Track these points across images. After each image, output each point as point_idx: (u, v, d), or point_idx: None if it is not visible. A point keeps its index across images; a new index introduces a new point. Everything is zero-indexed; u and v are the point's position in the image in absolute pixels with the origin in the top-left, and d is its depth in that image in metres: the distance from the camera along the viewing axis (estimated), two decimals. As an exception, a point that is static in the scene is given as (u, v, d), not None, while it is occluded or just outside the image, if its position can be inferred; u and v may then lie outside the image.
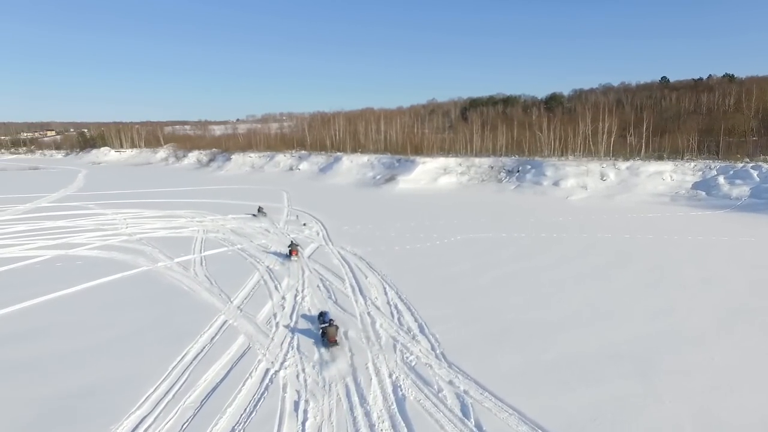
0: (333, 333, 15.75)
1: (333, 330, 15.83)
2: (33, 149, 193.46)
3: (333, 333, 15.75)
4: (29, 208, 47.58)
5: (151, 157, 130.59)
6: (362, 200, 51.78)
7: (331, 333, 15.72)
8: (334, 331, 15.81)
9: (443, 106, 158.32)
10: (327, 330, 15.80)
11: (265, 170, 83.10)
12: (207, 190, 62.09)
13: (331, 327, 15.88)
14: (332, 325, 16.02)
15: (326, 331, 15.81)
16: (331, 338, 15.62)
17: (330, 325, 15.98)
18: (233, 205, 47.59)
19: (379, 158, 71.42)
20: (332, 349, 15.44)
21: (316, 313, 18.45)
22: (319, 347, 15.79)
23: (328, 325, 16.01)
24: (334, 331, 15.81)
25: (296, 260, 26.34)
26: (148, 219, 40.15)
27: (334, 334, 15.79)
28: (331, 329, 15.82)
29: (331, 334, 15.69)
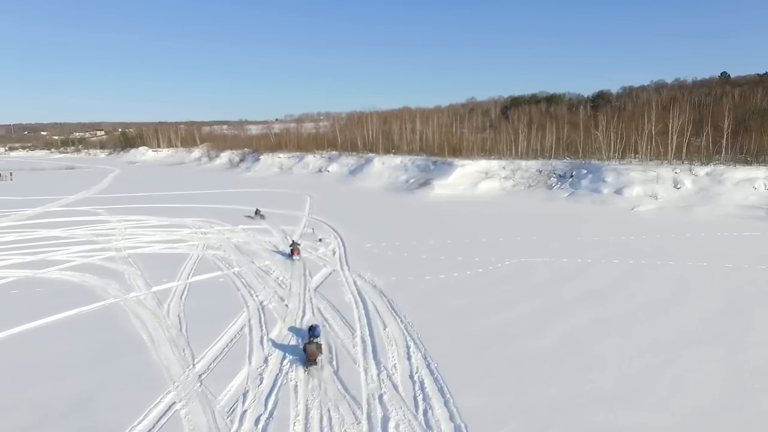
0: (312, 351, 14.28)
1: (312, 348, 14.35)
2: (80, 149, 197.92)
3: (312, 351, 14.28)
4: (35, 213, 44.00)
5: (186, 156, 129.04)
6: (392, 208, 45.63)
7: (310, 351, 14.28)
8: (313, 350, 14.32)
9: (483, 105, 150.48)
10: (306, 347, 14.41)
11: (293, 172, 78.29)
12: (227, 193, 57.50)
13: (310, 345, 14.41)
14: (312, 342, 14.58)
15: (305, 348, 14.43)
16: (311, 356, 14.20)
17: (310, 342, 14.58)
18: (249, 212, 42.52)
19: (413, 160, 65.08)
20: (310, 368, 14.06)
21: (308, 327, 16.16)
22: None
23: (308, 342, 14.65)
24: (313, 350, 14.32)
25: (298, 259, 26.63)
26: (150, 229, 35.41)
27: (314, 352, 14.29)
28: (311, 347, 14.35)
29: (310, 352, 14.26)
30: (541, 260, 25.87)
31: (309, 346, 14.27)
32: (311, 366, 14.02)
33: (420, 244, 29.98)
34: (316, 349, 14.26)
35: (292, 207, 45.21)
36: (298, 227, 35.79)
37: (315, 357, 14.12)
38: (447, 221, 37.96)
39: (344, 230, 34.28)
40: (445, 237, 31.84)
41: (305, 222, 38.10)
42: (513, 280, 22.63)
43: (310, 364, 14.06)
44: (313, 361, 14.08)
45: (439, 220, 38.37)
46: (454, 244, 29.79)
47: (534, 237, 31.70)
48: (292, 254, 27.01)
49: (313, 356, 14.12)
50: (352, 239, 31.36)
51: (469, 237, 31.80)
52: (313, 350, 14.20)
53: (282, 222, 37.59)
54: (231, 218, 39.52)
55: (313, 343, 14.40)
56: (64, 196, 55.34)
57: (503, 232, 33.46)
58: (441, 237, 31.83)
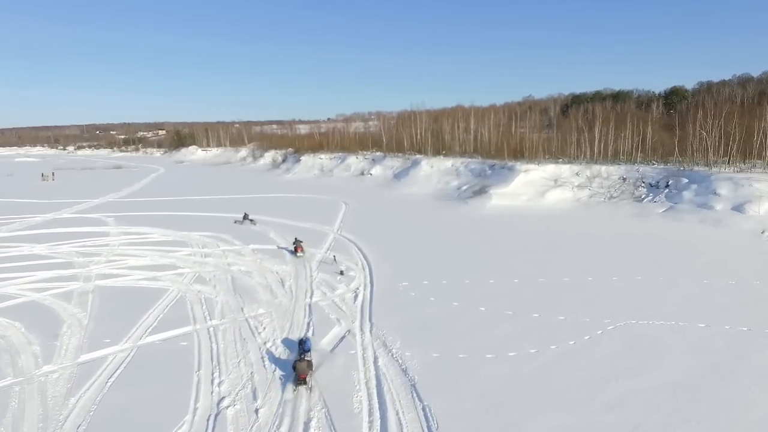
0: (303, 369, 12.92)
1: (303, 366, 12.97)
2: (139, 148, 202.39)
3: (303, 369, 12.92)
4: (41, 220, 39.13)
5: (233, 156, 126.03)
6: (440, 222, 37.18)
7: (300, 369, 12.92)
8: (304, 368, 12.96)
9: (541, 103, 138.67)
10: (296, 365, 13.02)
11: (333, 174, 71.33)
12: (256, 200, 51.10)
13: (301, 362, 13.04)
14: (303, 360, 13.18)
15: (296, 366, 13.03)
16: (301, 374, 12.84)
17: (301, 359, 13.20)
18: (269, 224, 35.54)
19: (467, 163, 56.16)
20: (299, 387, 12.75)
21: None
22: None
23: (298, 359, 13.27)
24: (304, 368, 12.96)
25: (301, 256, 26.11)
26: (146, 247, 29.03)
27: (305, 370, 12.91)
28: (302, 365, 12.97)
29: (301, 371, 12.89)
30: (664, 324, 16.76)
31: (300, 364, 13.08)
32: (300, 385, 12.94)
33: (475, 283, 21.54)
34: (306, 366, 13.12)
35: (321, 219, 37.81)
36: (319, 249, 28.22)
37: (305, 375, 12.99)
38: (510, 244, 29.15)
39: (376, 256, 26.35)
40: (510, 272, 23.19)
41: (330, 242, 30.51)
42: (633, 369, 13.79)
43: (300, 383, 12.95)
44: (303, 380, 12.94)
45: (499, 243, 29.62)
46: (524, 286, 21.13)
47: (638, 276, 22.35)
48: (296, 251, 26.66)
49: (304, 374, 12.98)
50: (385, 273, 23.34)
51: (544, 273, 22.96)
52: (304, 368, 13.05)
53: (303, 239, 30.23)
54: (245, 234, 32.64)
55: (304, 361, 13.26)
56: (88, 200, 50.95)
57: (589, 264, 24.33)
58: (503, 272, 23.21)
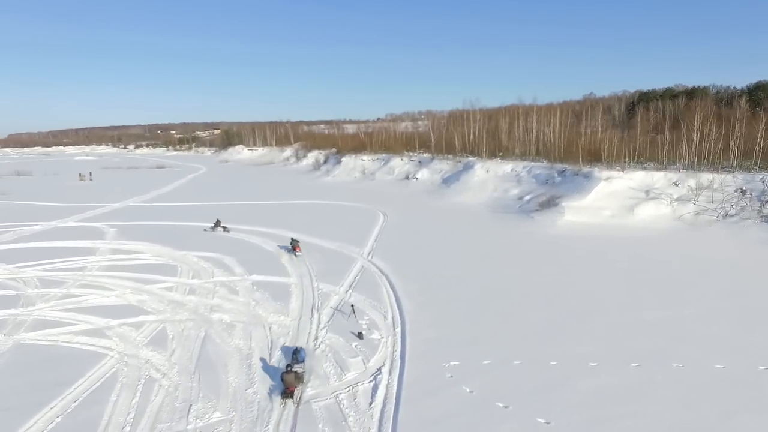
0: (290, 381, 11.90)
1: (291, 378, 11.92)
2: (191, 147, 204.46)
3: (290, 381, 11.90)
4: (36, 230, 34.21)
5: (277, 156, 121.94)
6: (499, 246, 28.80)
7: (287, 381, 11.90)
8: (292, 380, 11.92)
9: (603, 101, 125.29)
10: (284, 376, 11.98)
11: (375, 178, 64.01)
12: (285, 208, 44.57)
13: (289, 374, 11.95)
14: (291, 371, 12.02)
15: (282, 377, 12.02)
16: (289, 387, 11.84)
17: (288, 371, 12.03)
18: (287, 242, 28.68)
19: (529, 168, 47.13)
20: (286, 400, 11.74)
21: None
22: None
23: (286, 371, 12.09)
24: (292, 380, 11.92)
25: (300, 255, 25.15)
26: (124, 274, 22.74)
27: (292, 383, 11.89)
28: (289, 377, 11.91)
29: (288, 383, 11.88)
30: None
31: (287, 376, 11.94)
32: (287, 398, 11.76)
33: (566, 365, 13.32)
34: (295, 379, 11.96)
35: (351, 236, 30.47)
36: (338, 286, 20.80)
37: (293, 388, 11.86)
38: (603, 286, 20.51)
39: (414, 303, 18.60)
40: (619, 342, 14.72)
41: (355, 275, 22.98)
42: None
43: (286, 396, 11.76)
44: (290, 394, 11.77)
45: (587, 283, 21.02)
46: (653, 380, 12.72)
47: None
48: (294, 250, 25.66)
49: (291, 387, 11.86)
50: (425, 337, 15.50)
51: (676, 350, 14.36)
52: (292, 380, 11.93)
53: (321, 268, 22.95)
54: (252, 256, 25.83)
55: (292, 373, 12.04)
56: (107, 204, 46.32)
57: (717, 319, 15.50)
58: (608, 341, 14.79)
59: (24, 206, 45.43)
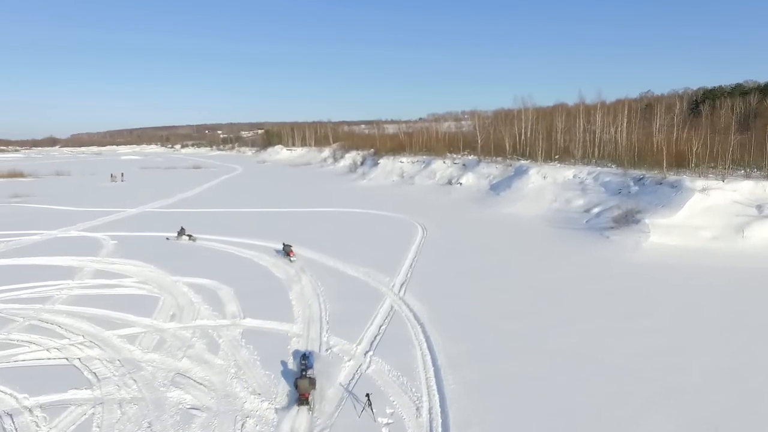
0: (304, 387, 11.45)
1: (305, 384, 11.50)
2: (234, 147, 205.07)
3: (304, 387, 11.45)
4: (34, 240, 30.41)
5: (315, 156, 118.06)
6: (568, 279, 22.02)
7: (302, 387, 11.45)
8: (306, 385, 11.48)
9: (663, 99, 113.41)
10: (298, 383, 11.60)
11: (414, 182, 57.87)
12: (312, 216, 39.30)
13: (303, 379, 11.61)
14: (305, 377, 11.80)
15: (296, 383, 11.66)
16: (302, 393, 11.40)
17: (302, 376, 11.81)
18: (307, 264, 23.17)
19: (597, 174, 39.69)
20: (301, 407, 11.26)
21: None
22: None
23: (300, 376, 11.90)
24: (306, 385, 11.48)
25: (295, 260, 23.58)
26: (89, 311, 17.85)
27: (306, 388, 11.44)
28: (303, 382, 11.51)
29: (303, 389, 11.43)
30: None
31: (301, 382, 11.60)
32: (302, 405, 11.42)
33: None
34: (309, 384, 11.63)
35: (381, 259, 24.57)
36: (355, 343, 14.95)
37: (308, 394, 11.47)
38: (704, 351, 13.71)
39: (462, 381, 12.45)
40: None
41: (380, 324, 17.06)
42: None
43: (302, 402, 11.41)
44: (305, 400, 11.41)
45: (692, 344, 14.27)
46: None
47: None
48: (288, 255, 24.07)
49: (306, 393, 11.45)
50: None
51: None
52: (306, 386, 11.54)
53: (336, 310, 17.24)
54: (255, 286, 20.42)
55: (306, 378, 11.81)
56: (124, 209, 42.66)
57: None
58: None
59: (38, 211, 42.41)
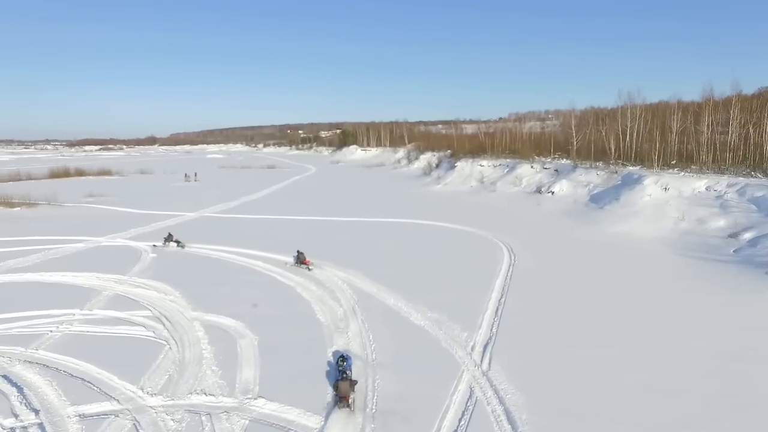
0: (345, 389, 11.12)
1: (346, 386, 11.19)
2: (311, 146, 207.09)
3: (345, 389, 11.12)
4: (74, 250, 27.90)
5: (389, 157, 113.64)
6: (736, 346, 14.60)
7: (343, 389, 11.14)
8: (346, 388, 11.15)
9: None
10: (339, 385, 11.31)
11: (496, 189, 50.62)
12: (376, 228, 33.91)
13: (344, 381, 11.31)
14: (345, 378, 11.50)
15: (337, 385, 11.35)
16: (342, 395, 11.08)
17: (343, 378, 11.50)
18: (365, 299, 17.78)
19: (742, 186, 30.25)
20: (341, 410, 10.91)
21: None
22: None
23: (340, 378, 11.58)
24: (346, 388, 11.15)
25: (312, 268, 21.73)
26: (53, 370, 13.74)
27: (347, 390, 11.12)
28: (343, 384, 11.22)
29: (343, 391, 11.12)
30: None
31: (342, 384, 11.28)
32: (342, 407, 11.06)
33: None
34: (349, 386, 11.30)
35: (456, 298, 18.48)
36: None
37: (348, 397, 11.13)
38: None
39: None
40: None
41: (459, 411, 11.08)
42: None
43: (342, 404, 11.06)
44: (346, 402, 11.06)
45: None
46: None
47: None
48: (303, 263, 22.16)
49: (346, 396, 11.12)
50: None
51: None
52: (347, 388, 11.22)
53: (388, 391, 11.57)
54: (287, 336, 15.27)
55: (347, 380, 11.47)
56: (185, 213, 40.24)
57: None
58: None
59: (101, 213, 41.14)
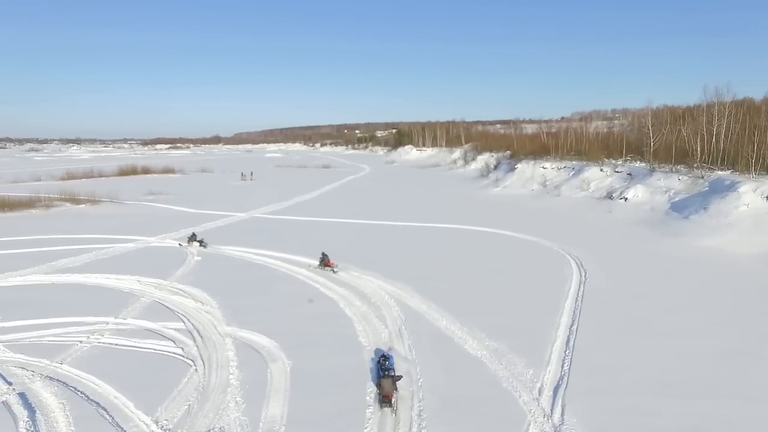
0: (388, 388, 10.81)
1: (389, 384, 10.86)
2: (367, 146, 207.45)
3: (388, 388, 10.81)
4: (113, 253, 27.87)
5: (445, 158, 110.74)
6: None
7: (386, 388, 10.82)
8: (389, 386, 10.83)
9: None
10: (382, 383, 10.98)
11: (561, 193, 46.78)
12: (428, 233, 31.67)
13: (386, 379, 10.98)
14: (388, 376, 11.12)
15: (381, 383, 11.03)
16: (386, 395, 10.77)
17: (386, 376, 11.13)
18: (415, 319, 15.75)
19: None
20: (384, 408, 10.68)
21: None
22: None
23: (383, 376, 11.22)
24: (389, 386, 10.83)
25: (338, 270, 21.21)
26: (62, 396, 12.72)
27: (390, 389, 10.80)
28: (387, 383, 10.89)
29: (386, 389, 10.80)
30: None
31: (385, 382, 10.94)
32: (385, 406, 10.75)
33: None
34: (392, 385, 10.96)
35: (517, 324, 15.99)
36: None
37: (391, 396, 10.81)
38: None
39: None
40: None
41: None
42: None
43: (385, 403, 10.77)
44: (388, 401, 10.75)
45: None
46: None
47: None
48: (327, 266, 21.59)
49: (389, 394, 10.80)
50: None
51: None
52: (390, 387, 10.88)
53: None
54: (328, 354, 13.52)
55: (389, 378, 11.11)
56: (237, 213, 40.07)
57: None
58: None
59: (157, 212, 41.74)
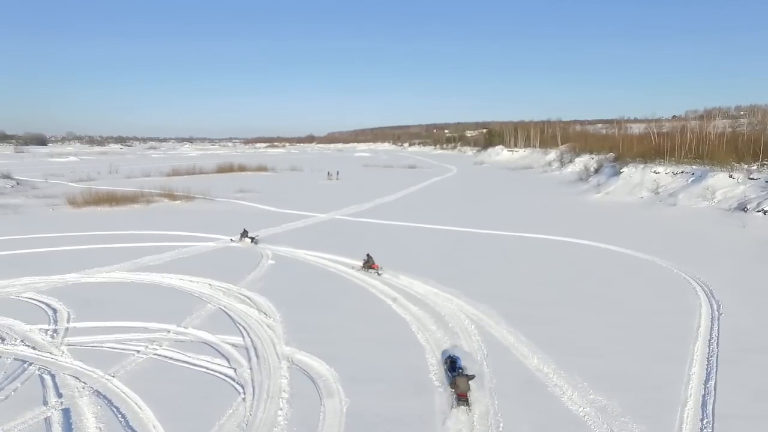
0: (463, 386, 10.80)
1: (464, 382, 10.88)
2: (456, 146, 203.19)
3: (463, 386, 10.80)
4: (199, 250, 28.18)
5: (539, 159, 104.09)
6: None
7: (461, 386, 10.80)
8: (464, 384, 10.84)
9: None
10: (457, 381, 10.94)
11: (677, 202, 40.28)
12: (518, 245, 28.26)
13: (461, 377, 10.99)
14: (463, 374, 11.14)
15: (456, 382, 10.96)
16: (461, 393, 10.76)
17: (460, 374, 11.14)
18: (500, 356, 13.22)
19: None
20: (459, 407, 10.64)
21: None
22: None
23: (457, 374, 11.20)
24: (464, 384, 10.84)
25: (382, 272, 20.49)
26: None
27: (465, 387, 10.82)
28: (462, 381, 10.89)
29: (461, 387, 10.79)
30: None
31: (460, 380, 10.89)
32: (461, 404, 10.68)
33: None
34: (467, 383, 10.91)
35: (634, 373, 12.58)
36: None
37: (466, 394, 10.76)
38: None
39: None
40: None
41: None
42: None
43: (461, 402, 10.70)
44: (465, 399, 10.72)
45: None
46: None
47: None
48: (372, 268, 20.82)
49: (464, 393, 10.74)
50: None
51: None
52: (465, 385, 10.84)
53: None
54: (393, 390, 11.46)
55: (464, 376, 11.03)
56: (317, 214, 39.69)
57: None
58: None
59: (243, 210, 42.61)
